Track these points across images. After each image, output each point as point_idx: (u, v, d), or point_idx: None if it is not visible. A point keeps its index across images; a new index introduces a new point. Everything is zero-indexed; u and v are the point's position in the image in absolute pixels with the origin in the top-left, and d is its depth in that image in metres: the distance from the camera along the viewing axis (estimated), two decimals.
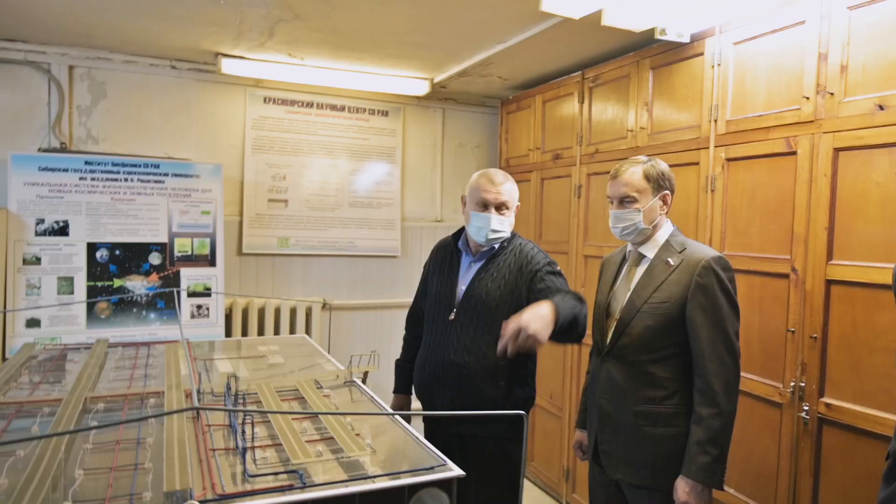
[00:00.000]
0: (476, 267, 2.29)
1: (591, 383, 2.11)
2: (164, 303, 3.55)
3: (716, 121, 2.55)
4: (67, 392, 1.55)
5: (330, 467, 1.20)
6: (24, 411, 1.44)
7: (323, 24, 3.00)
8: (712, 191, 2.57)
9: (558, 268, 2.25)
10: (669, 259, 1.93)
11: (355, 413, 1.54)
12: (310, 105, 4.26)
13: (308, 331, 4.13)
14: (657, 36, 2.55)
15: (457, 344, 2.20)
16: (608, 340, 2.01)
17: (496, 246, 2.28)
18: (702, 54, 2.62)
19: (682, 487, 1.82)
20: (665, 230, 2.01)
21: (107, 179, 3.47)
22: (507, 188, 2.25)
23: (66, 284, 3.34)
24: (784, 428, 2.25)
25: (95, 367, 1.80)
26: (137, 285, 3.48)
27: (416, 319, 2.52)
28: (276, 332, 4.00)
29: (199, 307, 3.65)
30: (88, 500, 1.02)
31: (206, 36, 3.33)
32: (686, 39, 2.60)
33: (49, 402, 1.52)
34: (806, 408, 2.16)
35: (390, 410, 2.07)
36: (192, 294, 3.61)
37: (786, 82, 2.27)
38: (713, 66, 2.56)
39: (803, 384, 2.18)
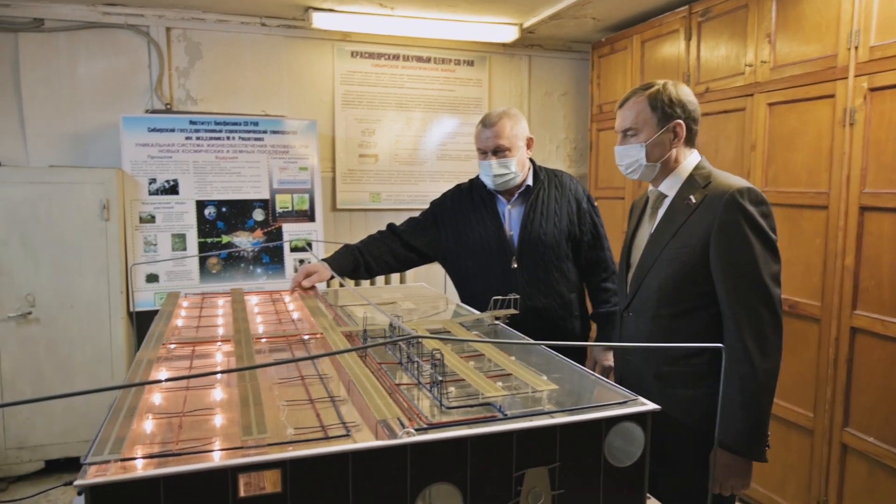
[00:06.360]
0: (518, 210, 2.25)
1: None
2: (268, 258, 3.63)
3: (856, 48, 2.37)
4: (232, 333, 1.59)
5: (517, 401, 1.18)
6: (200, 351, 1.49)
7: None
8: (851, 124, 2.40)
9: (594, 201, 2.33)
10: (691, 196, 1.66)
11: (582, 344, 1.45)
12: (396, 58, 4.22)
13: (402, 283, 4.16)
14: None
15: (529, 289, 2.17)
16: (627, 294, 1.82)
17: (530, 185, 2.25)
18: None
19: (720, 459, 1.57)
20: (689, 162, 1.72)
21: (211, 138, 3.54)
22: (501, 128, 2.16)
23: (180, 241, 3.45)
24: None
25: (242, 311, 1.85)
26: (244, 241, 3.57)
27: (416, 232, 2.42)
28: (373, 283, 4.05)
29: (301, 262, 3.72)
30: (306, 427, 1.04)
31: None
32: None
33: (217, 341, 1.56)
34: None
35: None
36: (294, 249, 3.68)
37: None
38: None
39: None
